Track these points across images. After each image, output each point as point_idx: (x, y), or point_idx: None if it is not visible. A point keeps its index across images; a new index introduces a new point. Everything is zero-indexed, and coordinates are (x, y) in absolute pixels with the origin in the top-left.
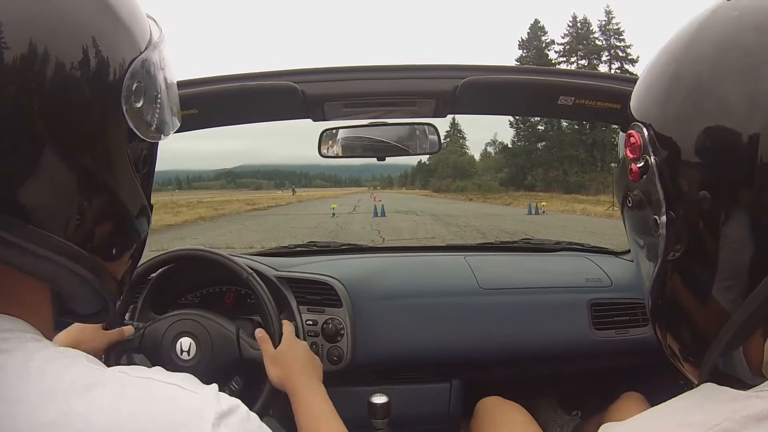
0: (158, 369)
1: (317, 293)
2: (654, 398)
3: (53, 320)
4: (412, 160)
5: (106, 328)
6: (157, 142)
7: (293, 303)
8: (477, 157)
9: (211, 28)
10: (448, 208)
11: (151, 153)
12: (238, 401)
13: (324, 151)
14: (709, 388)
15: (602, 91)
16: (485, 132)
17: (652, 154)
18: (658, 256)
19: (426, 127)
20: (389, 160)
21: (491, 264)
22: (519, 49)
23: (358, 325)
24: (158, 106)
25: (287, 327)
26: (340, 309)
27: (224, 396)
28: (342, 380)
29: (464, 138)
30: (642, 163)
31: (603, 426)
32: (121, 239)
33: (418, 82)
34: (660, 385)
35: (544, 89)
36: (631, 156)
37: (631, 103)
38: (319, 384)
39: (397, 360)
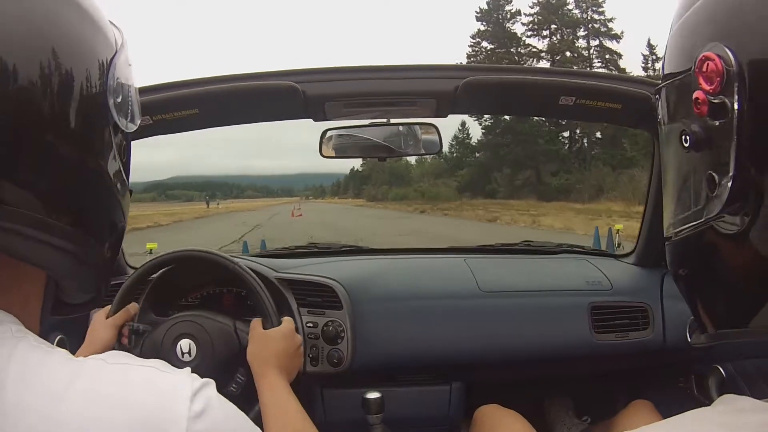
0: (133, 356)
1: (317, 295)
2: (657, 399)
3: (41, 315)
4: (344, 169)
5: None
6: (129, 133)
7: (293, 305)
8: (412, 162)
9: (212, 28)
10: (397, 226)
11: (127, 143)
12: (209, 380)
13: (324, 152)
14: (729, 398)
15: (603, 91)
16: None
17: (737, 95)
18: (700, 217)
19: (427, 126)
20: (322, 168)
21: (492, 267)
22: (477, 21)
23: (358, 328)
24: (130, 99)
25: (288, 322)
26: (340, 311)
27: (196, 376)
28: (342, 382)
29: None
30: (718, 101)
31: None
32: (112, 220)
33: (419, 82)
34: (662, 387)
35: (545, 89)
36: (705, 86)
37: (698, 20)
38: (286, 380)
39: (397, 362)
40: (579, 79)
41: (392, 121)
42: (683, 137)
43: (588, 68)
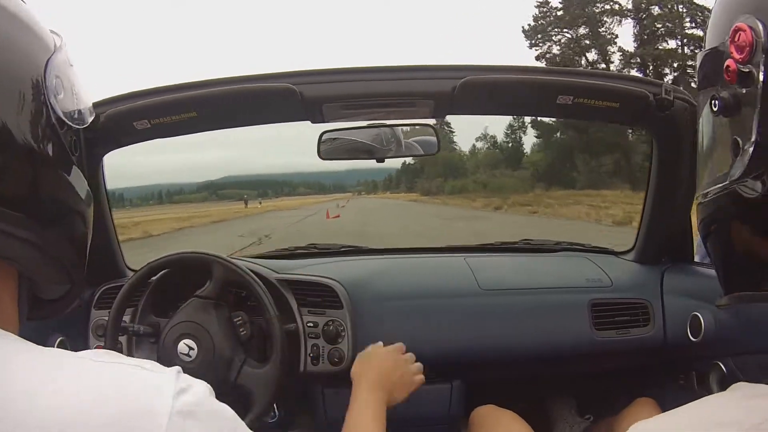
0: (121, 355)
1: (318, 295)
2: (657, 396)
3: (19, 316)
4: (396, 164)
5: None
6: (80, 129)
7: (294, 305)
8: (465, 151)
9: (209, 31)
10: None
11: (78, 138)
12: (200, 381)
13: (323, 154)
14: (743, 385)
15: (601, 89)
16: (473, 127)
17: (763, 65)
18: (725, 180)
19: (425, 127)
20: (374, 164)
21: (491, 265)
22: None
23: (358, 327)
24: (75, 96)
25: (399, 347)
26: (340, 311)
27: (185, 375)
28: (343, 381)
29: (453, 132)
30: (747, 70)
31: (632, 426)
32: (74, 216)
33: (417, 82)
34: (662, 384)
35: (542, 88)
36: (736, 54)
37: None
38: (378, 397)
39: None
40: (577, 78)
41: (390, 122)
42: (713, 102)
43: (678, 29)
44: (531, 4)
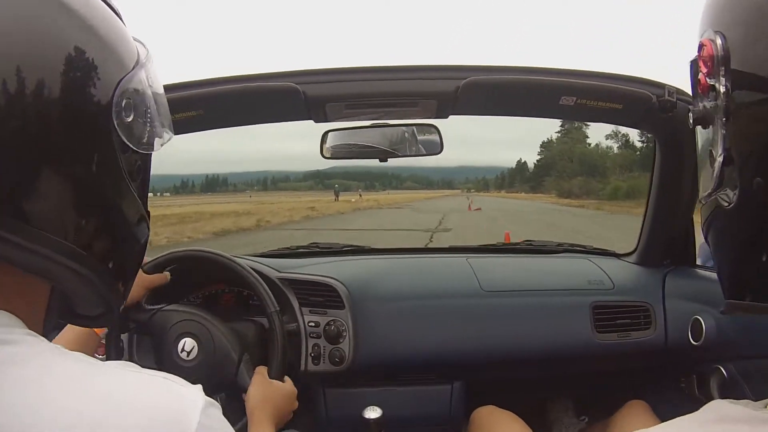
0: (144, 369)
1: (319, 295)
2: (658, 400)
3: (45, 323)
4: (510, 162)
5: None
6: (150, 153)
7: (295, 304)
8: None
9: (214, 29)
10: None
11: (144, 163)
12: (214, 401)
13: (326, 152)
14: (722, 404)
15: (603, 90)
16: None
17: (723, 78)
18: (707, 190)
19: (427, 127)
20: (484, 162)
21: (493, 266)
22: None
23: (360, 327)
24: (148, 120)
25: (291, 385)
26: (342, 310)
27: (204, 395)
28: (343, 381)
29: (587, 125)
30: (712, 83)
31: None
32: (120, 245)
33: (420, 82)
34: (663, 387)
35: (545, 89)
36: (702, 68)
37: (704, 9)
38: (271, 428)
39: (399, 362)
40: (579, 79)
41: (393, 122)
42: (689, 114)
43: None
44: (533, 4)
